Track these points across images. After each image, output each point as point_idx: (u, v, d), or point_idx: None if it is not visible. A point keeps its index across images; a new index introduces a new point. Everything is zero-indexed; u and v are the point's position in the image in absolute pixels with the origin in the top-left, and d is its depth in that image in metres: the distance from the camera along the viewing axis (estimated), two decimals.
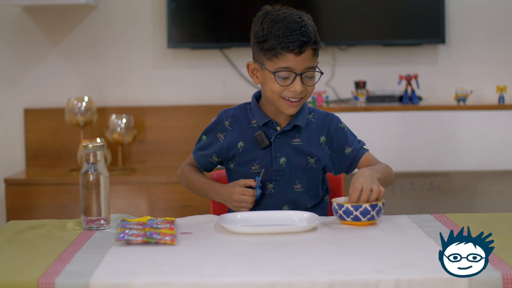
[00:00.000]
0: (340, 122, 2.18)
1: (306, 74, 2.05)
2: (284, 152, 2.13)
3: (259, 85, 2.14)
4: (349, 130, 2.18)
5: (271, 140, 2.13)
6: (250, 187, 2.09)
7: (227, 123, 2.18)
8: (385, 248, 1.66)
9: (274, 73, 2.04)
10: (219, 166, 2.25)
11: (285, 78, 2.04)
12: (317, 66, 2.08)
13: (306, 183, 2.14)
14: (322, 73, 2.09)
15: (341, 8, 3.74)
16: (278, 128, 2.14)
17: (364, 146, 2.16)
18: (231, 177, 2.20)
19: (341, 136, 2.15)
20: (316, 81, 2.09)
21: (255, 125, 2.15)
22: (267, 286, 1.45)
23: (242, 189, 2.07)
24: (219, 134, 2.18)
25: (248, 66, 2.14)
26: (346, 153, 2.13)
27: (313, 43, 2.05)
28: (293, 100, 2.05)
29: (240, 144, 2.15)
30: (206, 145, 2.20)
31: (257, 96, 2.19)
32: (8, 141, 3.87)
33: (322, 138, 2.15)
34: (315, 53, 2.07)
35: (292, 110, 2.08)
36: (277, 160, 2.13)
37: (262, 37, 2.07)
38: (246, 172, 2.15)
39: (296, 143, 2.14)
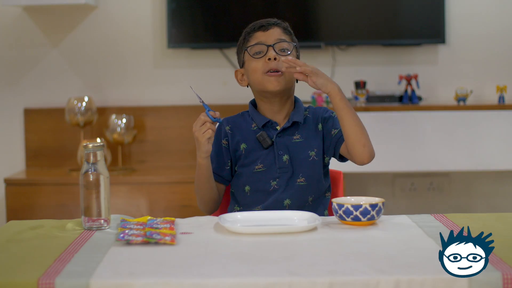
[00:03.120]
0: (331, 111, 2.25)
1: (280, 46, 2.16)
2: (286, 150, 2.18)
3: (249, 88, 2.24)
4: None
5: (273, 139, 2.17)
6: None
7: (227, 128, 2.23)
8: (385, 248, 1.66)
9: (247, 49, 2.17)
10: None
11: (260, 53, 2.16)
12: (294, 44, 2.19)
13: (309, 176, 2.19)
14: (295, 45, 2.19)
15: (341, 8, 3.74)
16: (277, 127, 2.19)
17: None
18: (235, 180, 2.24)
19: (330, 120, 2.22)
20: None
21: (255, 128, 2.21)
22: (267, 286, 1.45)
23: (196, 122, 2.05)
24: (223, 141, 2.23)
25: (236, 74, 2.26)
26: (333, 134, 2.20)
27: (280, 24, 2.21)
28: (272, 71, 2.13)
29: (243, 146, 2.21)
30: (213, 158, 2.21)
31: (254, 103, 2.26)
32: (8, 141, 3.87)
33: (320, 126, 2.22)
34: (286, 32, 2.20)
35: (274, 84, 2.14)
36: (281, 158, 2.17)
37: (241, 39, 2.24)
38: (249, 172, 2.19)
39: (297, 140, 2.20)
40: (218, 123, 2.06)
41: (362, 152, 2.08)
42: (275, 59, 2.14)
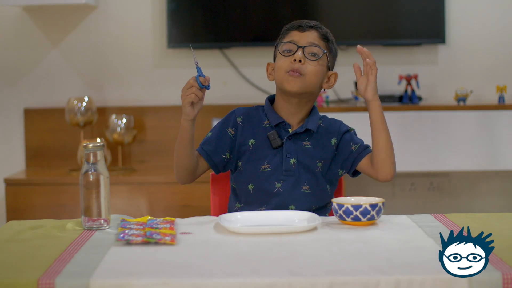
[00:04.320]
0: (348, 127, 2.25)
1: (310, 49, 2.15)
2: (295, 154, 2.17)
3: (272, 84, 2.21)
4: (355, 132, 2.25)
5: (283, 140, 2.16)
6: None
7: (239, 119, 2.21)
8: (385, 248, 1.66)
9: (279, 45, 2.17)
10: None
11: (289, 51, 2.15)
12: (325, 52, 2.16)
13: (313, 185, 2.18)
14: (325, 52, 2.16)
15: (341, 8, 3.74)
16: (290, 130, 2.18)
17: (367, 145, 2.22)
18: (238, 176, 2.21)
19: (348, 136, 2.21)
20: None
21: (267, 125, 2.20)
22: (267, 286, 1.45)
23: (185, 85, 2.06)
24: (229, 129, 2.20)
25: (267, 66, 2.25)
26: (353, 149, 2.19)
27: (319, 28, 2.18)
28: (292, 72, 2.13)
29: (251, 141, 2.19)
30: (213, 140, 2.20)
31: (271, 100, 2.25)
32: (8, 141, 3.87)
33: (334, 140, 2.20)
34: (322, 38, 2.18)
35: (292, 84, 2.13)
36: (288, 161, 2.16)
37: (280, 34, 2.23)
38: (255, 170, 2.17)
39: (306, 146, 2.18)
40: (206, 89, 2.05)
41: (390, 168, 2.12)
42: (300, 61, 2.12)
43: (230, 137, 2.20)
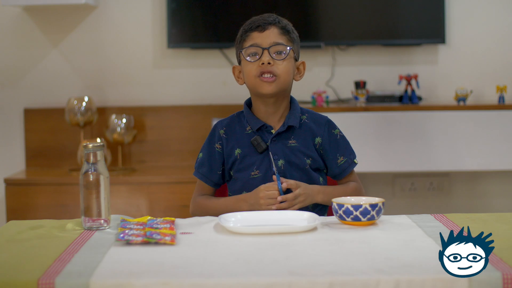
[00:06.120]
0: (335, 127, 2.23)
1: (275, 49, 2.12)
2: (282, 154, 2.16)
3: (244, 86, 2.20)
4: (343, 136, 2.24)
5: (268, 143, 2.15)
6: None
7: (222, 131, 2.20)
8: (385, 248, 1.66)
9: (242, 51, 2.14)
10: None
11: (254, 55, 2.13)
12: (290, 48, 2.14)
13: (306, 182, 2.16)
14: (291, 49, 2.14)
15: (341, 8, 3.74)
16: (272, 131, 2.17)
17: (355, 160, 2.23)
18: (232, 185, 2.21)
19: (334, 142, 2.21)
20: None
21: (250, 131, 2.18)
22: (267, 286, 1.45)
23: (266, 186, 2.08)
24: (216, 145, 2.20)
25: (233, 70, 2.24)
26: (339, 162, 2.20)
27: (277, 23, 2.16)
28: (265, 76, 2.11)
29: (237, 151, 2.18)
30: (205, 160, 2.21)
31: (248, 103, 2.23)
32: (8, 141, 3.87)
33: (318, 139, 2.19)
34: (283, 32, 2.16)
35: (267, 88, 2.11)
36: (276, 163, 2.15)
37: (238, 37, 2.20)
38: (245, 178, 2.17)
39: (292, 145, 2.17)
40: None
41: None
42: (269, 63, 2.11)
43: (219, 152, 2.20)
